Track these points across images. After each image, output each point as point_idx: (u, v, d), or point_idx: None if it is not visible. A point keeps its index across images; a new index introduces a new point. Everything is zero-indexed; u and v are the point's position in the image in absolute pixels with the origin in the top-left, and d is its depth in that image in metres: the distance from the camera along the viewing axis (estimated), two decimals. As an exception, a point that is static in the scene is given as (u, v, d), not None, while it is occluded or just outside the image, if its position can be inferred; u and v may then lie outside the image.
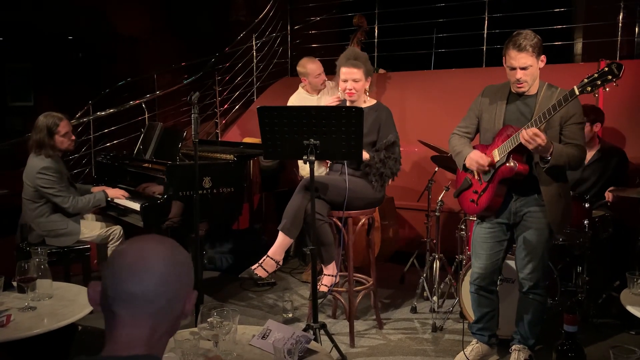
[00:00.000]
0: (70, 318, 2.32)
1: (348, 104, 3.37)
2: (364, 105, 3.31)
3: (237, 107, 6.61)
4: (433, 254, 4.00)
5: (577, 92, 2.44)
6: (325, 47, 6.40)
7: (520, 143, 2.60)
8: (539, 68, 2.72)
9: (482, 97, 2.93)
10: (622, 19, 4.94)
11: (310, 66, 4.45)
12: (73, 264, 3.92)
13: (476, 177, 2.90)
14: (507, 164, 2.70)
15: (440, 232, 3.98)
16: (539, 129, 2.56)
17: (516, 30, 2.76)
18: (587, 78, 2.42)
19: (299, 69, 4.55)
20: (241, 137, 5.80)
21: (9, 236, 4.08)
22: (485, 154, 2.82)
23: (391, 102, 5.36)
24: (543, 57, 2.71)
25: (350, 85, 3.29)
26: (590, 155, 3.85)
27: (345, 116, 2.75)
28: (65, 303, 2.46)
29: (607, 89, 2.39)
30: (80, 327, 3.00)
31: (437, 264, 3.94)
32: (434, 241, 4.02)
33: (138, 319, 1.10)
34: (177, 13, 7.77)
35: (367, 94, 3.40)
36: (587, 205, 3.40)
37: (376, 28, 6.16)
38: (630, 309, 2.38)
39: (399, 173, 3.42)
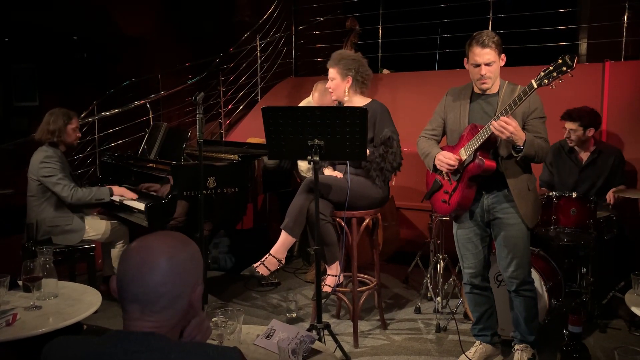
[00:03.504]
0: (76, 317, 2.32)
1: (336, 104, 3.41)
2: (354, 105, 3.33)
3: (241, 107, 6.63)
4: (437, 255, 4.00)
5: (535, 85, 2.51)
6: (329, 47, 6.40)
7: (486, 140, 2.66)
8: (500, 67, 2.80)
9: (446, 99, 3.03)
10: (627, 19, 4.93)
11: (314, 94, 4.43)
12: (78, 263, 3.93)
13: (445, 177, 2.94)
14: (475, 162, 2.74)
15: (444, 232, 3.98)
16: None
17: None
18: (543, 71, 2.49)
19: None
20: (245, 137, 5.81)
21: (15, 235, 4.10)
22: (452, 153, 2.87)
23: (395, 103, 5.38)
24: (503, 55, 2.79)
25: (329, 84, 3.40)
26: (586, 156, 3.86)
27: (349, 116, 2.76)
28: (71, 302, 2.47)
29: (562, 80, 2.46)
30: (85, 327, 3.01)
31: (441, 265, 3.94)
32: (438, 242, 4.02)
33: (145, 314, 1.19)
34: (181, 14, 7.79)
35: (347, 94, 3.37)
36: (592, 206, 3.39)
37: (380, 28, 6.16)
38: (635, 310, 2.37)
39: (402, 174, 3.42)
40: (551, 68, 2.46)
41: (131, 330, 1.19)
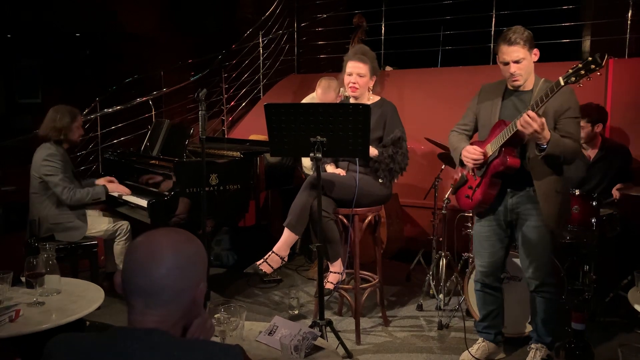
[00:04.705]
0: (79, 313, 2.33)
1: (352, 100, 3.38)
2: (367, 102, 3.32)
3: (243, 104, 6.62)
4: (439, 252, 4.00)
5: (562, 83, 2.44)
6: (332, 44, 6.40)
7: (512, 136, 2.62)
8: (533, 62, 2.73)
9: (479, 94, 2.98)
10: (631, 16, 4.91)
11: (317, 90, 4.43)
12: (81, 260, 3.94)
13: (470, 172, 2.92)
14: (499, 158, 2.72)
15: (446, 230, 3.97)
16: None
17: (524, 27, 2.76)
18: (572, 69, 2.42)
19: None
20: (247, 134, 5.81)
21: (18, 232, 4.11)
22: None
23: (398, 100, 5.37)
24: (536, 50, 2.72)
25: (355, 79, 3.30)
26: (593, 153, 3.85)
27: (352, 113, 2.75)
28: (74, 298, 2.47)
29: (590, 79, 2.39)
30: (88, 323, 3.02)
31: (443, 262, 3.94)
32: (440, 239, 4.01)
33: (150, 308, 1.19)
34: (184, 10, 7.78)
35: (371, 92, 3.41)
36: (594, 203, 3.38)
37: (383, 25, 6.15)
38: (638, 307, 2.37)
39: (406, 171, 3.41)
40: (580, 66, 2.38)
41: (135, 325, 1.19)
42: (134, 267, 1.20)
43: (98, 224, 3.90)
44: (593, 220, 3.36)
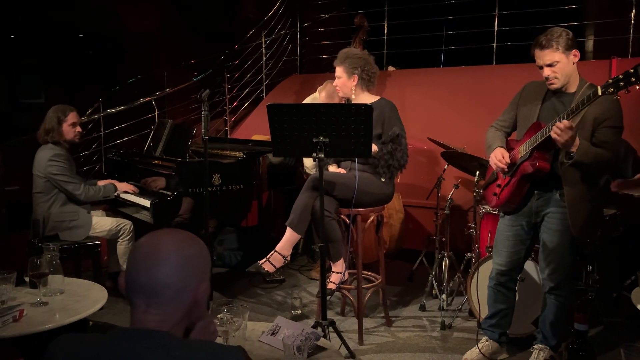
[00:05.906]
0: (82, 313, 2.34)
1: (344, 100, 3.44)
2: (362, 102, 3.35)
3: (246, 104, 6.63)
4: (442, 252, 4.00)
5: (599, 93, 2.38)
6: (335, 44, 6.39)
7: (545, 139, 2.58)
8: (573, 63, 2.66)
9: (522, 92, 2.92)
10: (634, 15, 4.89)
11: (322, 93, 4.45)
12: (84, 260, 3.95)
13: (501, 171, 2.91)
14: (528, 160, 2.69)
15: (449, 229, 3.97)
16: None
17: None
18: (612, 79, 2.35)
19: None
20: (250, 134, 5.81)
21: (21, 232, 4.12)
22: (514, 149, 2.82)
23: (400, 100, 5.37)
24: (575, 51, 2.64)
25: (335, 82, 3.45)
26: None
27: (354, 113, 2.76)
28: (77, 298, 2.48)
29: (629, 91, 2.33)
30: (91, 323, 3.02)
31: (446, 262, 3.94)
32: (443, 239, 4.01)
33: (151, 307, 1.19)
34: (186, 10, 7.79)
35: (354, 90, 3.40)
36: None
37: (385, 25, 6.15)
38: (641, 307, 2.36)
39: (408, 171, 3.42)
40: (620, 77, 2.33)
41: (137, 325, 1.20)
42: (136, 266, 1.20)
43: (101, 224, 3.90)
44: (596, 221, 3.35)
